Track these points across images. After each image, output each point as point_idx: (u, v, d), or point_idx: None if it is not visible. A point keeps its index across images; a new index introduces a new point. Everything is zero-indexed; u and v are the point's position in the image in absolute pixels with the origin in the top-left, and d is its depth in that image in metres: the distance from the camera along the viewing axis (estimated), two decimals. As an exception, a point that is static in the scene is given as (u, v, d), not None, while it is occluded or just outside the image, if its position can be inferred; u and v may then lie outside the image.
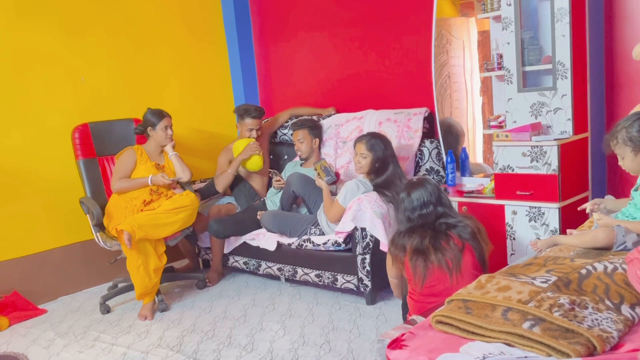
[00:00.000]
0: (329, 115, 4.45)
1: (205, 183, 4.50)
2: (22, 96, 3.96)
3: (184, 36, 4.85)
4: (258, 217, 3.98)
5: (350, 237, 3.46)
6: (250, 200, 4.22)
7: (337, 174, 4.01)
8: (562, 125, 3.04)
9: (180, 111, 4.66)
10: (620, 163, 2.27)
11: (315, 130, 4.21)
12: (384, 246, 3.30)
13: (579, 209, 2.57)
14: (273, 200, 4.15)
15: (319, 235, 3.65)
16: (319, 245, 3.58)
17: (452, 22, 3.77)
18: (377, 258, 3.40)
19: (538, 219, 2.98)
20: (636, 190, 2.26)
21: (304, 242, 3.66)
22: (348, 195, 3.44)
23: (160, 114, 3.86)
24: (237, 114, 4.29)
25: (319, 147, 4.26)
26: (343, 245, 3.48)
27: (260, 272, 4.01)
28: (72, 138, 3.93)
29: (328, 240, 3.54)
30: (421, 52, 3.94)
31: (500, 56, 3.31)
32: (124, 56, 4.46)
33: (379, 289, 3.54)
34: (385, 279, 3.52)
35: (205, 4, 4.99)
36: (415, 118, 3.88)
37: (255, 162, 4.14)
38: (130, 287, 3.74)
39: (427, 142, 3.84)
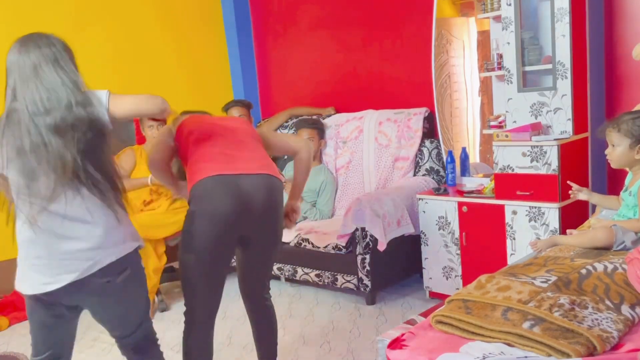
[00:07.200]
0: (329, 115, 4.45)
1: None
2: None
3: (184, 35, 4.85)
4: None
5: (351, 240, 3.47)
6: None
7: None
8: (562, 125, 3.04)
9: (180, 110, 4.64)
10: (607, 151, 2.28)
11: (323, 132, 4.24)
12: (381, 245, 3.30)
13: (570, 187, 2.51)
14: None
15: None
16: (319, 247, 3.59)
17: (452, 22, 3.77)
18: (377, 258, 3.40)
19: (538, 219, 2.98)
20: (625, 191, 2.29)
21: (303, 241, 3.67)
22: None
23: None
24: (225, 111, 4.31)
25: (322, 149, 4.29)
26: (344, 250, 3.49)
27: (260, 272, 4.01)
28: (72, 138, 3.92)
29: (328, 245, 3.55)
30: (421, 52, 3.93)
31: (500, 56, 3.31)
32: (124, 55, 4.46)
33: (378, 289, 3.54)
34: (385, 278, 3.54)
35: (205, 3, 4.98)
36: (415, 118, 3.88)
37: None
38: (130, 287, 3.73)
39: (427, 142, 3.84)
